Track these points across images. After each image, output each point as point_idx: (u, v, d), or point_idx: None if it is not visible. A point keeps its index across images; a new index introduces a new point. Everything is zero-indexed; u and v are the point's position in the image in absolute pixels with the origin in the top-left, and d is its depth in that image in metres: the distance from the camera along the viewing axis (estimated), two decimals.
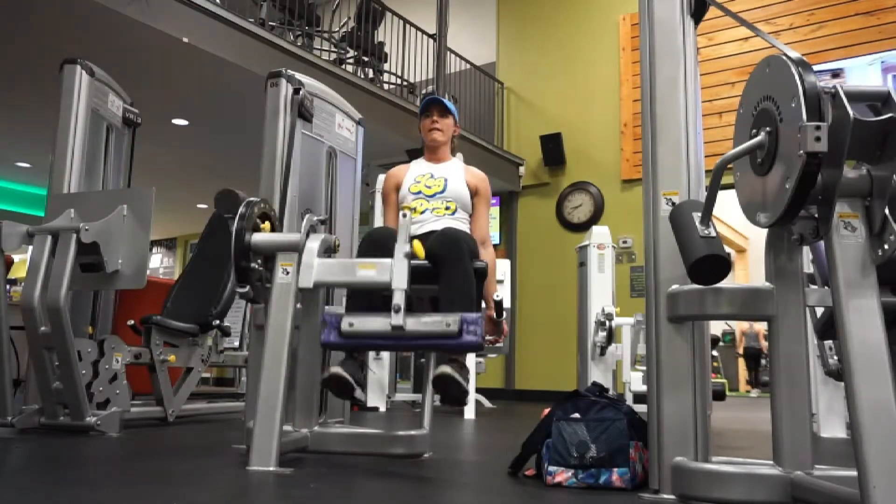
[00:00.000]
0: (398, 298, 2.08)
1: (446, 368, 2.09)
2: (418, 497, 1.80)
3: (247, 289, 2.24)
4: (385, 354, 5.25)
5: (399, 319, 2.06)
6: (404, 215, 2.19)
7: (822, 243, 1.54)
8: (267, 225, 2.30)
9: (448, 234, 2.33)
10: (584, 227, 7.28)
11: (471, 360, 4.81)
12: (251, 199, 2.30)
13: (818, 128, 1.39)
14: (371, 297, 2.30)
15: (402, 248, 2.14)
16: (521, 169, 8.14)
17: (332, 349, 2.38)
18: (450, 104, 2.79)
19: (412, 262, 2.17)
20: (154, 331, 3.43)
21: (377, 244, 2.33)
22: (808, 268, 2.20)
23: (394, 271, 2.11)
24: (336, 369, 2.14)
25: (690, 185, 1.86)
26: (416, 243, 2.14)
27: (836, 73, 6.24)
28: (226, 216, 3.97)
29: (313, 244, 2.23)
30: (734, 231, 11.28)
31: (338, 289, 2.72)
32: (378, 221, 4.98)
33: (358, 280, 2.17)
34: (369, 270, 2.16)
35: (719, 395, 5.51)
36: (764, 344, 11.55)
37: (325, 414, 2.67)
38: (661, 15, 1.95)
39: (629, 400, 4.87)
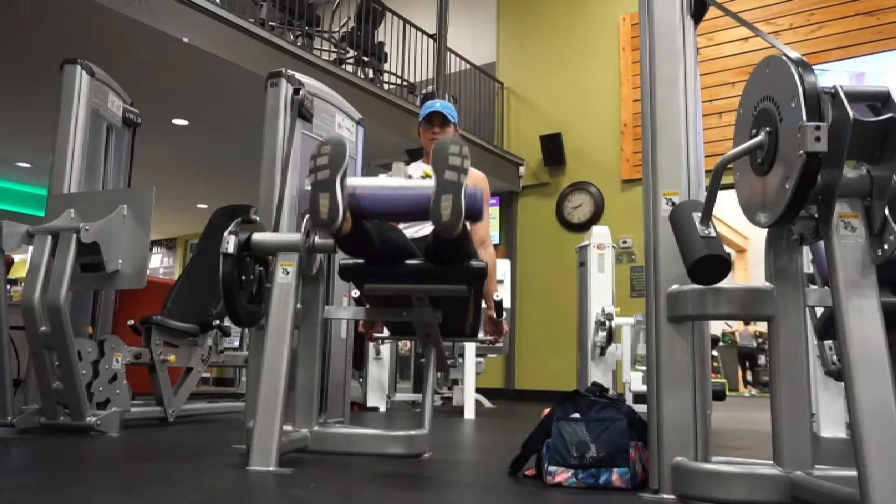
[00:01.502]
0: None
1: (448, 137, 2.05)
2: (418, 497, 1.80)
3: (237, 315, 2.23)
4: (385, 354, 5.26)
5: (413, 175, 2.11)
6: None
7: (822, 243, 1.54)
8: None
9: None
10: (584, 227, 7.29)
11: (471, 360, 4.81)
12: (242, 216, 2.27)
13: (818, 128, 1.39)
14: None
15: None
16: (521, 169, 8.14)
17: None
18: (451, 111, 2.77)
19: (413, 262, 2.17)
20: (154, 331, 3.43)
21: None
22: (808, 268, 2.20)
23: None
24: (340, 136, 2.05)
25: (690, 185, 1.85)
26: (426, 169, 2.13)
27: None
28: (222, 209, 3.99)
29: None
30: (734, 231, 11.28)
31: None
32: None
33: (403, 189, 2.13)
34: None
35: (719, 395, 5.51)
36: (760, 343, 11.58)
37: (325, 414, 2.68)
38: (661, 15, 1.95)
39: (629, 400, 4.87)
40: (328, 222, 1.95)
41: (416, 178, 2.73)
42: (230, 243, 2.14)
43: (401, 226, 2.55)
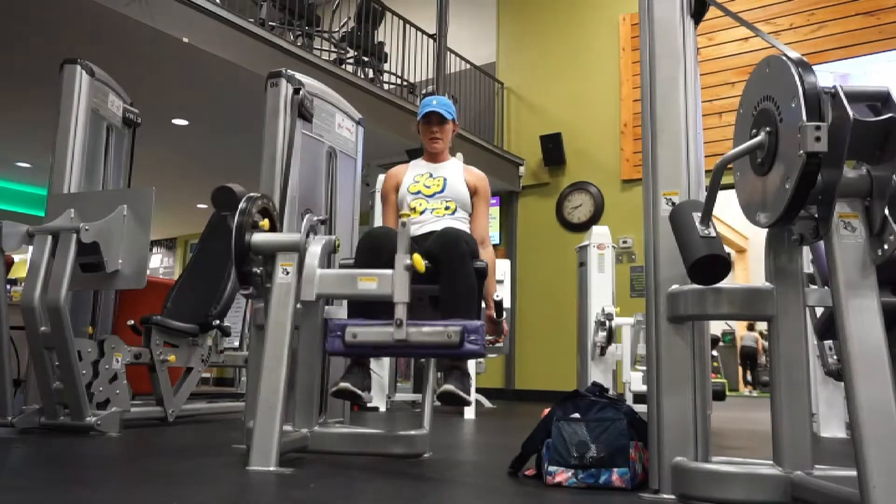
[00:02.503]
0: (400, 313, 2.10)
1: (449, 386, 2.19)
2: (418, 497, 1.80)
3: (249, 290, 2.25)
4: None
5: (402, 333, 2.09)
6: (403, 224, 2.17)
7: (822, 243, 1.54)
8: (266, 222, 2.30)
9: (448, 233, 2.33)
10: (584, 227, 7.29)
11: (471, 360, 4.81)
12: (251, 194, 2.30)
13: (818, 128, 1.39)
14: (373, 303, 2.31)
15: (402, 259, 2.14)
16: (521, 169, 8.14)
17: (337, 356, 2.42)
18: (449, 109, 2.75)
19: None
20: (154, 331, 3.43)
21: (376, 244, 2.33)
22: (808, 268, 2.20)
23: (395, 285, 2.12)
24: (344, 384, 2.20)
25: (690, 185, 1.86)
26: (417, 257, 2.14)
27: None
28: (224, 213, 3.96)
29: (315, 248, 2.23)
30: (734, 231, 11.28)
31: None
32: (378, 221, 4.98)
33: (359, 292, 2.19)
34: (370, 283, 2.17)
35: (719, 395, 5.51)
36: (762, 343, 11.58)
37: (325, 414, 2.67)
38: (661, 15, 1.95)
39: (629, 400, 4.87)
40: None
41: (416, 175, 2.72)
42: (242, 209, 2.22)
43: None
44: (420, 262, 2.13)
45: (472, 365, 4.81)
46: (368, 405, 5.10)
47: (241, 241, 2.21)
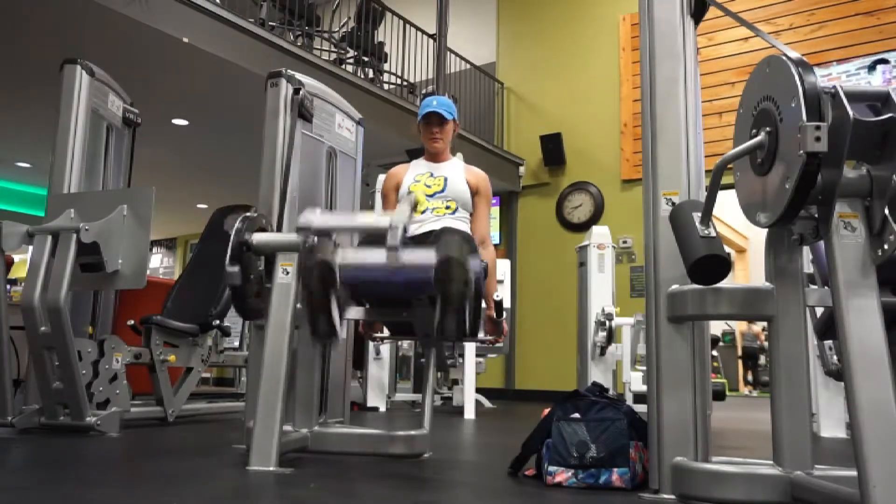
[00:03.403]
0: (393, 239, 2.06)
1: (452, 251, 2.02)
2: (418, 497, 1.80)
3: (244, 304, 2.25)
4: (385, 354, 5.26)
5: (395, 239, 2.04)
6: (409, 192, 2.22)
7: (822, 243, 1.54)
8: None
9: (447, 230, 2.33)
10: (584, 227, 7.28)
11: (471, 360, 4.81)
12: (247, 214, 2.29)
13: (818, 128, 1.39)
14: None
15: (405, 201, 2.19)
16: (521, 169, 8.14)
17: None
18: (449, 109, 2.75)
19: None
20: (154, 331, 3.43)
21: (377, 238, 2.33)
22: (808, 268, 2.20)
23: (395, 211, 2.13)
24: (325, 255, 2.08)
25: (690, 185, 1.86)
26: (420, 195, 2.15)
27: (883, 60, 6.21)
28: (221, 210, 3.99)
29: (313, 210, 2.26)
30: (734, 231, 11.28)
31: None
32: None
33: (357, 224, 2.18)
34: (368, 217, 2.20)
35: (719, 395, 5.51)
36: (763, 342, 11.58)
37: (325, 414, 2.68)
38: (661, 15, 1.95)
39: (629, 400, 4.87)
40: (327, 339, 2.18)
41: (417, 174, 2.72)
42: (235, 246, 2.19)
43: None
44: (422, 198, 2.14)
45: (471, 365, 4.82)
46: (368, 405, 5.12)
47: (237, 259, 2.19)
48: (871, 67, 6.17)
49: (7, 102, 6.01)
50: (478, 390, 5.19)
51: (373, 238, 2.28)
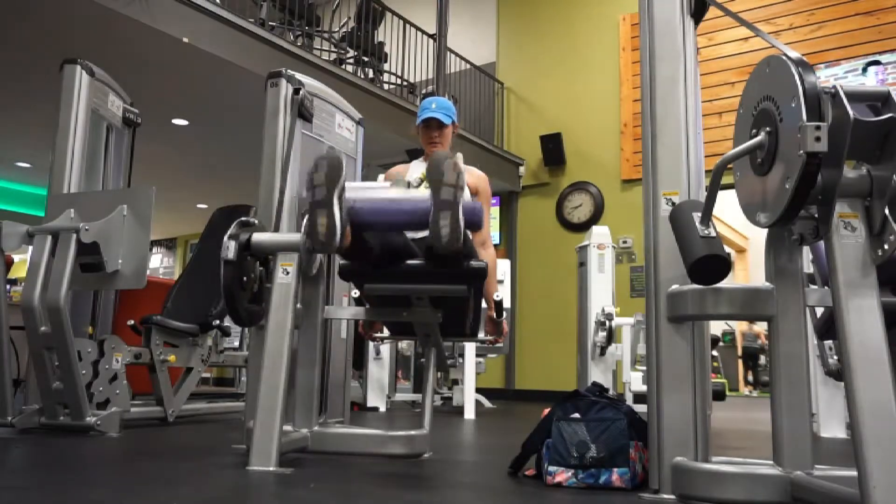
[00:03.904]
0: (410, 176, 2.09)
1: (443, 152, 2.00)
2: (418, 497, 1.80)
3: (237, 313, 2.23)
4: (385, 354, 5.26)
5: (413, 182, 2.10)
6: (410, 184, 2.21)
7: (822, 243, 1.54)
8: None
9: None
10: (584, 227, 7.29)
11: (471, 360, 4.81)
12: (243, 219, 2.28)
13: (818, 128, 1.39)
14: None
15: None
16: (521, 169, 8.15)
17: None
18: (448, 111, 2.74)
19: (412, 262, 2.17)
20: (154, 331, 3.43)
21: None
22: (808, 268, 2.20)
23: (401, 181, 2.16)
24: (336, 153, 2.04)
25: (690, 185, 1.85)
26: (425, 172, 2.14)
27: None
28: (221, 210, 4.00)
29: None
30: (734, 231, 11.28)
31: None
32: None
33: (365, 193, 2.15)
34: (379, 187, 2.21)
35: (719, 395, 5.52)
36: (764, 343, 11.57)
37: (325, 414, 2.68)
38: (661, 15, 1.95)
39: (629, 400, 4.87)
40: (327, 242, 1.95)
41: (416, 176, 2.72)
42: (230, 249, 2.14)
43: None
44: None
45: (472, 365, 4.82)
46: (368, 405, 5.12)
47: (231, 271, 2.15)
48: (864, 70, 6.18)
49: (7, 102, 6.01)
50: (478, 390, 5.19)
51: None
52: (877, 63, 6.11)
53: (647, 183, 1.91)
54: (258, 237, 2.24)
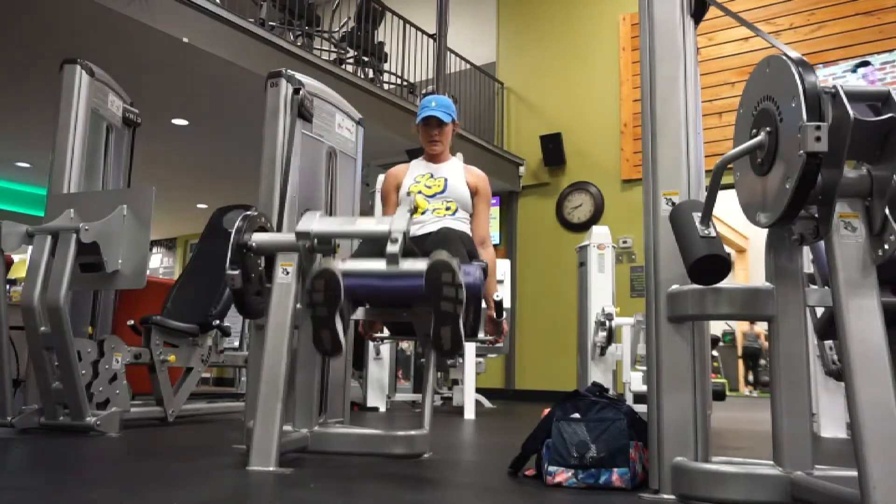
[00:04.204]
0: (396, 233, 2.05)
1: (441, 255, 1.98)
2: (418, 497, 1.80)
3: (243, 303, 2.25)
4: (385, 354, 5.26)
5: (395, 248, 2.02)
6: (408, 194, 2.18)
7: (822, 243, 1.54)
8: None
9: (443, 233, 2.33)
10: (584, 227, 7.29)
11: (471, 360, 4.82)
12: (248, 213, 2.29)
13: (818, 128, 1.39)
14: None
15: (405, 204, 2.16)
16: (521, 169, 8.15)
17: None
18: (448, 110, 2.74)
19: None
20: (154, 331, 3.43)
21: (376, 241, 2.32)
22: (808, 268, 2.20)
23: (394, 217, 2.11)
24: (329, 265, 2.04)
25: (690, 185, 1.85)
26: (419, 198, 2.14)
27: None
28: (221, 210, 3.99)
29: (313, 214, 2.25)
30: (734, 231, 11.28)
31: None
32: None
33: (356, 229, 2.16)
34: (368, 222, 2.16)
35: (719, 395, 5.52)
36: (764, 344, 11.58)
37: (325, 414, 2.68)
38: (661, 15, 1.95)
39: (629, 400, 4.87)
40: (333, 352, 2.14)
41: (417, 175, 2.72)
42: (235, 249, 2.18)
43: None
44: (422, 201, 2.13)
45: (472, 365, 4.82)
46: (368, 405, 5.12)
47: (237, 257, 2.18)
48: (853, 71, 6.19)
49: (7, 102, 6.01)
50: (478, 390, 5.19)
51: (372, 242, 2.29)
52: (867, 64, 6.11)
53: (647, 183, 1.91)
54: (258, 237, 2.24)
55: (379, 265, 2.08)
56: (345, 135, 3.00)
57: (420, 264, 2.05)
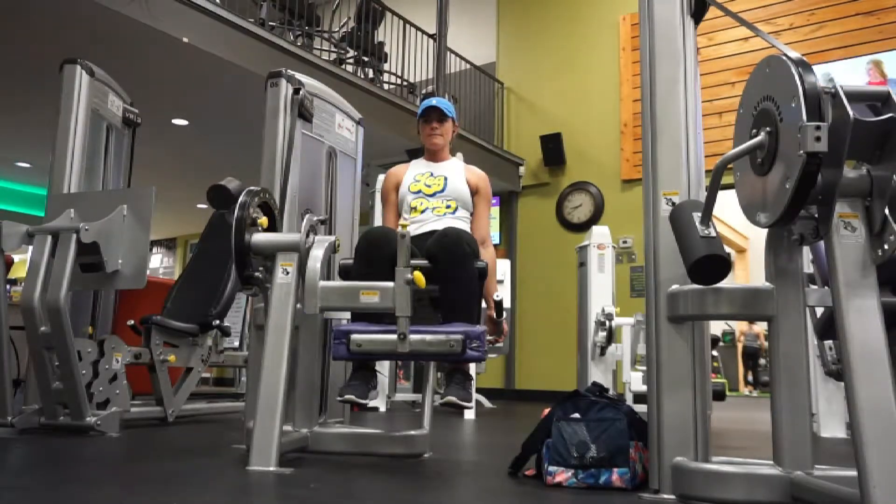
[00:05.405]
0: (402, 326, 2.09)
1: (451, 397, 2.23)
2: (418, 497, 1.80)
3: (253, 289, 2.26)
4: None
5: (405, 346, 2.09)
6: (402, 236, 2.12)
7: (822, 243, 1.54)
8: (265, 220, 2.29)
9: (449, 234, 2.33)
10: (584, 227, 7.29)
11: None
12: (251, 188, 2.29)
13: (818, 128, 1.39)
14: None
15: (402, 274, 2.11)
16: (521, 169, 8.15)
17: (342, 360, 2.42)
18: (448, 107, 2.77)
19: (413, 262, 2.16)
20: (154, 331, 3.43)
21: (375, 246, 2.32)
22: (808, 268, 2.20)
23: (396, 299, 2.11)
24: (349, 396, 2.21)
25: (690, 185, 1.85)
26: (418, 274, 2.13)
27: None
28: (222, 211, 3.97)
29: (318, 252, 2.22)
30: (734, 231, 11.28)
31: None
32: (378, 221, 4.98)
33: (361, 305, 2.18)
34: (372, 297, 2.16)
35: (719, 395, 5.51)
36: (764, 344, 11.58)
37: (325, 414, 2.68)
38: (661, 15, 1.95)
39: (629, 400, 4.87)
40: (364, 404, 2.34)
41: (417, 174, 2.72)
42: (240, 206, 2.21)
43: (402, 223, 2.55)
44: (421, 279, 2.12)
45: (472, 366, 4.82)
46: (369, 405, 5.11)
47: (241, 239, 2.20)
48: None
49: (7, 102, 6.01)
50: (478, 390, 5.18)
51: (367, 264, 2.33)
52: None
53: (647, 183, 1.91)
54: (258, 237, 2.24)
55: (391, 343, 2.12)
56: (345, 135, 3.00)
57: (430, 342, 2.12)
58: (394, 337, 2.10)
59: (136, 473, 2.06)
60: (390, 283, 2.12)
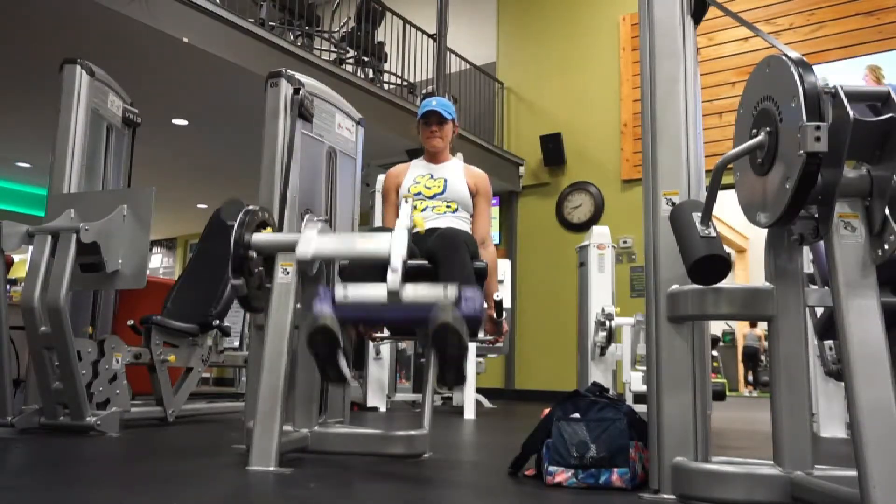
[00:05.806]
0: (396, 263, 2.02)
1: (447, 317, 1.97)
2: (418, 497, 1.80)
3: (248, 304, 2.25)
4: (385, 354, 5.26)
5: (395, 284, 1.99)
6: (406, 200, 2.15)
7: (822, 243, 1.54)
8: (268, 231, 2.30)
9: (447, 233, 2.33)
10: (584, 227, 7.29)
11: (471, 360, 4.81)
12: (251, 207, 2.29)
13: (818, 128, 1.39)
14: (368, 275, 2.26)
15: (402, 221, 2.11)
16: (521, 169, 8.15)
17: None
18: (448, 109, 2.76)
19: (412, 262, 2.16)
20: (154, 331, 3.43)
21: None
22: (808, 268, 2.20)
23: (393, 241, 2.08)
24: (325, 321, 2.00)
25: (690, 185, 1.85)
26: (418, 217, 2.12)
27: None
28: (228, 224, 3.97)
29: (311, 229, 2.22)
30: (734, 231, 11.28)
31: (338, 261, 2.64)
32: (378, 221, 4.98)
33: (357, 251, 2.14)
34: (367, 243, 2.13)
35: (719, 395, 5.52)
36: (764, 344, 11.58)
37: (325, 414, 2.67)
38: (661, 15, 1.94)
39: (629, 400, 4.87)
40: (339, 383, 2.32)
41: (417, 176, 2.72)
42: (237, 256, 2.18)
43: None
44: (420, 221, 2.10)
45: (472, 365, 4.82)
46: (368, 405, 5.12)
47: (240, 248, 2.18)
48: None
49: (7, 102, 6.01)
50: (478, 390, 5.19)
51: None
52: None
53: (647, 183, 1.91)
54: (258, 237, 2.24)
55: (380, 292, 2.03)
56: (345, 135, 3.00)
57: (422, 291, 2.03)
58: (383, 287, 2.01)
59: (136, 473, 2.06)
60: (388, 234, 2.11)
